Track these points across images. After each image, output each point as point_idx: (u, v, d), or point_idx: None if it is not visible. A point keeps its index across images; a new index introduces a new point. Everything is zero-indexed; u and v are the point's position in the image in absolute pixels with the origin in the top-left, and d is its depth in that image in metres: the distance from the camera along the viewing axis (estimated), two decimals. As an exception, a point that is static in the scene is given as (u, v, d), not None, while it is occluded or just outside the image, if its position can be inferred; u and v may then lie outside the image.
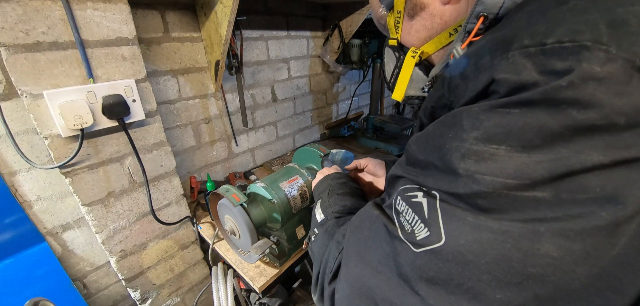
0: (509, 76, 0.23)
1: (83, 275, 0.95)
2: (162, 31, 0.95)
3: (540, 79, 0.22)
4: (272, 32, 1.31)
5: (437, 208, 0.26)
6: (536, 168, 0.21)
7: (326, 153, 0.85)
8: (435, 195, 0.27)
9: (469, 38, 0.32)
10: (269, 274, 0.79)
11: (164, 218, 0.94)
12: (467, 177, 0.24)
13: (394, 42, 0.46)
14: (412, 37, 0.42)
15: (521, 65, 0.23)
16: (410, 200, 0.30)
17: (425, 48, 0.41)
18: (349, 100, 1.98)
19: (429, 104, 0.36)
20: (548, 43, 0.21)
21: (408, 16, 0.41)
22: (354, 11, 1.39)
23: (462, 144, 0.25)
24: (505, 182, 0.22)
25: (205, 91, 1.12)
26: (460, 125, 0.26)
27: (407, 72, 0.44)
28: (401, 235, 0.29)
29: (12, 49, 0.59)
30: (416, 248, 0.27)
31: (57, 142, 0.68)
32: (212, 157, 1.24)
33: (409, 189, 0.31)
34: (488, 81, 0.25)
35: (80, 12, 0.65)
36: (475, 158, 0.24)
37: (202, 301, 1.15)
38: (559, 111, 0.21)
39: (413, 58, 0.43)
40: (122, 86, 0.73)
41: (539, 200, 0.22)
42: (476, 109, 0.25)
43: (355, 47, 1.52)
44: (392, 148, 1.53)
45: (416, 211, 0.28)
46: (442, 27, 0.38)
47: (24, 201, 0.79)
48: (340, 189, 0.57)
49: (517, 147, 0.22)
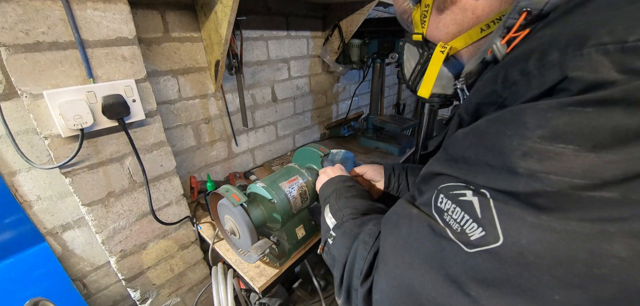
0: (584, 74, 0.22)
1: (83, 275, 0.95)
2: (162, 31, 0.95)
3: (620, 78, 0.21)
4: (272, 32, 1.31)
5: (491, 207, 0.26)
6: (607, 167, 0.21)
7: (326, 153, 0.85)
8: (485, 194, 0.26)
9: (509, 34, 0.31)
10: (269, 274, 0.79)
11: (164, 218, 0.94)
12: (529, 176, 0.23)
13: (419, 37, 0.44)
14: (440, 32, 0.41)
15: (598, 63, 0.21)
16: (457, 199, 0.29)
17: (454, 43, 0.40)
18: (349, 100, 1.98)
19: (473, 100, 0.34)
20: (630, 41, 0.21)
21: (437, 10, 0.40)
22: (354, 11, 1.39)
23: (523, 142, 0.24)
24: (573, 182, 0.22)
25: (205, 91, 1.12)
26: (522, 123, 0.24)
27: (434, 68, 0.43)
28: (450, 235, 0.28)
29: (12, 49, 0.59)
30: (469, 248, 0.26)
31: (57, 142, 0.68)
32: (212, 157, 1.24)
33: (454, 187, 0.30)
34: (559, 78, 0.23)
35: (80, 12, 0.65)
36: (538, 157, 0.23)
37: (202, 301, 1.15)
38: (639, 111, 0.20)
39: (442, 53, 0.41)
40: (122, 86, 0.73)
41: (606, 200, 0.21)
42: (543, 106, 0.24)
43: (355, 47, 1.52)
44: (392, 148, 1.53)
45: (466, 210, 0.27)
46: (474, 22, 0.37)
47: (24, 201, 0.79)
48: (348, 192, 0.56)
49: (587, 147, 0.21)
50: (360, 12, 1.37)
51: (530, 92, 0.26)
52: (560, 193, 0.22)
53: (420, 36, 0.44)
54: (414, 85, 0.48)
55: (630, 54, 0.20)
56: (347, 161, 1.03)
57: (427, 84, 0.45)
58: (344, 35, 1.46)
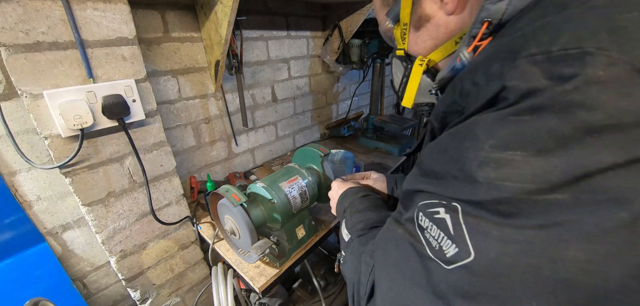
0: (518, 83, 0.24)
1: (83, 275, 0.95)
2: (162, 31, 0.95)
3: (548, 84, 0.22)
4: (272, 32, 1.31)
5: (461, 223, 0.27)
6: (553, 170, 0.22)
7: (326, 153, 0.85)
8: (456, 208, 0.28)
9: (474, 42, 0.33)
10: (269, 274, 0.79)
11: (164, 218, 0.94)
12: (488, 184, 0.25)
13: (402, 53, 0.48)
14: (419, 47, 0.44)
15: (530, 72, 0.23)
16: (433, 217, 0.30)
17: (432, 56, 0.43)
18: (349, 100, 1.98)
19: (440, 109, 0.36)
20: (554, 50, 0.22)
21: (414, 28, 0.43)
22: (354, 11, 1.39)
23: (479, 153, 0.26)
24: (525, 187, 0.23)
25: (205, 91, 1.12)
26: (475, 135, 0.26)
27: (415, 80, 0.46)
28: (430, 253, 0.30)
29: (12, 49, 0.59)
30: (447, 265, 0.27)
31: (57, 142, 0.68)
32: (212, 157, 1.24)
33: (429, 205, 0.31)
34: (499, 88, 0.26)
35: (80, 12, 0.65)
36: (493, 165, 0.24)
37: (202, 301, 1.15)
38: (568, 114, 0.21)
39: (421, 66, 0.44)
40: (122, 86, 0.73)
41: (559, 203, 0.22)
42: (488, 119, 0.26)
43: (355, 47, 1.52)
44: (392, 148, 1.53)
45: (441, 228, 0.29)
46: (448, 36, 0.40)
47: (24, 201, 0.79)
48: (361, 204, 0.57)
49: (532, 152, 0.23)
50: (360, 12, 1.37)
51: (479, 101, 0.28)
52: (516, 199, 0.23)
53: (402, 51, 0.47)
54: (402, 95, 0.52)
55: (555, 62, 0.22)
56: (346, 161, 1.03)
57: (409, 94, 0.48)
58: (344, 35, 1.46)
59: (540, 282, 0.23)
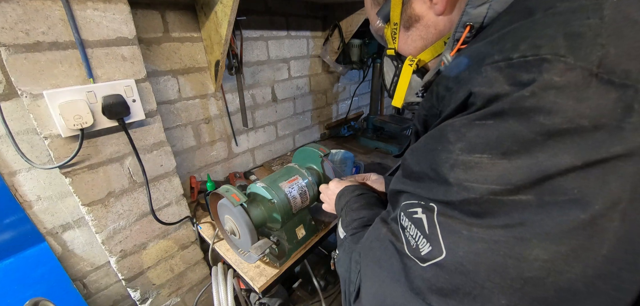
0: (483, 89, 0.25)
1: (83, 275, 0.95)
2: (162, 31, 0.95)
3: (510, 89, 0.23)
4: (272, 32, 1.31)
5: (435, 223, 0.28)
6: (517, 172, 0.23)
7: (326, 153, 0.85)
8: (432, 208, 0.29)
9: (457, 46, 0.34)
10: (269, 274, 0.79)
11: (164, 218, 0.94)
12: (458, 185, 0.26)
13: (392, 52, 0.48)
14: (409, 47, 0.44)
15: (493, 78, 0.25)
16: (412, 217, 0.31)
17: (422, 56, 0.43)
18: (349, 100, 1.98)
19: (421, 113, 0.38)
20: (514, 58, 0.24)
21: (404, 28, 0.43)
22: (354, 11, 1.39)
23: (450, 156, 0.27)
24: (491, 188, 0.24)
25: (205, 91, 1.12)
26: (446, 138, 0.28)
27: (405, 80, 0.47)
28: (407, 251, 0.31)
29: (12, 49, 0.59)
30: (422, 263, 0.29)
31: (57, 142, 0.68)
32: (212, 157, 1.24)
33: (409, 205, 0.32)
34: (467, 93, 0.27)
35: (80, 12, 0.65)
36: (463, 167, 0.26)
37: (202, 301, 1.15)
38: (527, 118, 0.22)
39: (410, 66, 0.45)
40: (122, 86, 0.73)
41: (524, 203, 0.23)
42: (457, 123, 0.27)
43: (355, 47, 1.52)
44: (392, 148, 1.53)
45: (418, 227, 0.30)
46: (437, 36, 0.40)
47: (24, 201, 0.79)
48: (356, 203, 0.58)
49: (498, 154, 0.24)
50: (360, 12, 1.37)
51: (451, 106, 0.29)
52: (483, 199, 0.24)
53: (393, 51, 0.48)
54: (392, 94, 0.52)
55: (516, 68, 0.23)
56: (346, 161, 1.03)
57: (399, 94, 0.49)
58: (344, 35, 1.46)
59: (508, 280, 0.23)
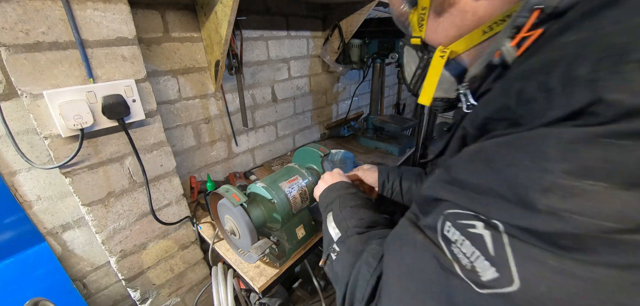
0: (623, 97, 0.18)
1: (83, 275, 0.95)
2: (162, 31, 0.95)
3: None
4: (272, 32, 1.31)
5: (504, 244, 0.23)
6: None
7: (326, 153, 0.85)
8: (496, 226, 0.23)
9: (520, 34, 0.28)
10: (269, 274, 0.79)
11: (164, 218, 0.94)
12: (550, 214, 0.20)
13: (417, 41, 0.42)
14: (439, 36, 0.39)
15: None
16: (466, 230, 0.26)
17: (455, 47, 0.37)
18: (349, 100, 1.98)
19: (481, 114, 0.31)
20: None
21: (435, 13, 0.38)
22: (354, 11, 1.39)
23: (544, 176, 0.21)
24: (603, 225, 0.19)
25: (205, 91, 1.12)
26: (543, 153, 0.21)
27: (435, 73, 0.40)
28: (459, 271, 0.26)
29: (12, 49, 0.59)
30: (480, 288, 0.24)
31: (57, 142, 0.68)
32: (212, 157, 1.24)
33: (462, 216, 0.27)
34: (590, 99, 0.20)
35: (80, 12, 0.65)
36: (562, 194, 0.20)
37: (202, 301, 1.15)
38: None
39: (442, 58, 0.39)
40: (122, 86, 0.73)
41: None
42: (569, 136, 0.20)
43: (355, 47, 1.52)
44: (392, 148, 1.53)
45: (477, 245, 0.24)
46: (475, 24, 0.34)
47: (24, 201, 0.79)
48: (352, 200, 0.53)
49: (622, 184, 0.18)
50: (360, 12, 1.37)
51: (551, 113, 0.22)
52: (587, 236, 0.19)
53: (419, 40, 0.42)
54: (415, 89, 0.46)
55: None
56: (346, 161, 1.03)
57: (428, 90, 0.42)
58: (344, 35, 1.46)
59: None
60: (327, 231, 0.52)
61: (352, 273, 0.40)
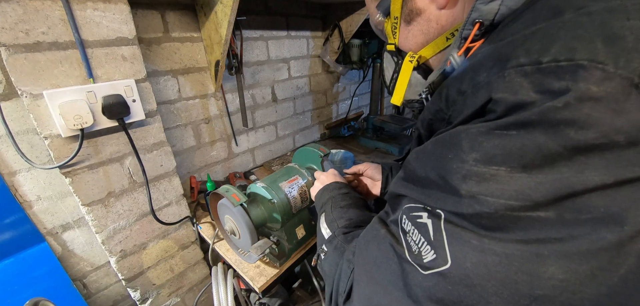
0: (506, 96, 0.23)
1: (83, 275, 0.95)
2: (162, 31, 0.95)
3: (537, 98, 0.21)
4: (272, 32, 1.31)
5: (442, 230, 0.26)
6: (538, 188, 0.21)
7: (326, 153, 0.85)
8: (439, 214, 0.27)
9: (465, 44, 0.32)
10: (269, 274, 0.79)
11: (164, 218, 0.94)
12: (470, 198, 0.24)
13: (392, 47, 0.46)
14: (410, 42, 0.43)
15: (518, 84, 0.22)
16: (415, 220, 0.30)
17: (423, 52, 0.41)
18: (349, 100, 1.98)
19: (426, 117, 0.36)
20: (544, 62, 0.21)
21: (405, 22, 0.42)
22: (354, 11, 1.39)
23: (462, 166, 0.25)
24: (508, 203, 0.22)
25: (205, 91, 1.12)
26: (459, 146, 0.26)
27: (405, 76, 0.45)
28: (408, 257, 0.29)
29: (12, 49, 0.59)
30: (424, 270, 0.27)
31: (57, 142, 0.68)
32: (212, 157, 1.24)
33: (413, 209, 0.30)
34: (485, 99, 0.25)
35: (80, 12, 0.65)
36: (476, 179, 0.24)
37: (202, 301, 1.15)
38: (557, 132, 0.21)
39: (411, 63, 0.43)
40: (122, 86, 0.73)
41: (542, 220, 0.21)
42: (474, 130, 0.25)
43: (355, 47, 1.52)
44: (392, 148, 1.53)
45: (422, 233, 0.28)
46: (439, 31, 0.38)
47: (24, 201, 0.79)
48: (343, 201, 0.56)
49: (517, 168, 0.22)
50: (360, 12, 1.37)
51: (465, 111, 0.27)
52: (497, 214, 0.23)
53: (393, 46, 0.46)
54: (391, 91, 0.51)
55: (545, 74, 0.21)
56: (346, 161, 1.03)
57: (399, 91, 0.47)
58: (344, 35, 1.46)
59: (516, 296, 0.22)
60: (319, 231, 0.55)
61: (337, 270, 0.43)
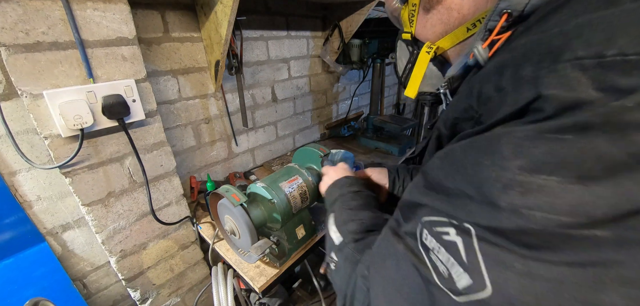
0: (559, 93, 0.20)
1: (83, 275, 0.95)
2: (162, 31, 0.95)
3: (599, 97, 0.18)
4: (272, 32, 1.31)
5: (475, 250, 0.23)
6: (596, 202, 0.18)
7: (326, 153, 0.85)
8: (469, 230, 0.24)
9: (490, 36, 0.30)
10: (269, 274, 0.79)
11: (164, 218, 0.94)
12: (512, 211, 0.21)
13: (408, 36, 0.44)
14: (427, 32, 0.40)
15: (575, 80, 0.19)
16: (441, 238, 0.26)
17: (441, 43, 0.39)
18: (349, 100, 1.98)
19: (451, 115, 0.33)
20: (608, 55, 0.18)
21: (423, 9, 0.39)
22: (354, 11, 1.39)
23: (503, 174, 0.22)
24: (560, 219, 0.19)
25: (205, 91, 1.12)
26: (499, 151, 0.22)
27: (421, 68, 0.42)
28: (437, 281, 0.26)
29: (12, 49, 0.59)
30: (456, 296, 0.24)
31: (57, 142, 0.68)
32: (212, 157, 1.24)
33: (436, 223, 0.27)
34: (532, 96, 0.22)
35: (80, 12, 0.65)
36: (520, 190, 0.21)
37: (202, 301, 1.15)
38: (623, 137, 0.18)
39: (428, 53, 0.40)
40: (122, 86, 0.73)
41: (599, 240, 0.19)
42: (518, 133, 0.22)
43: (355, 47, 1.53)
44: (392, 148, 1.53)
45: (451, 252, 0.25)
46: (460, 21, 0.35)
47: (24, 201, 0.79)
48: (353, 200, 0.52)
49: (572, 178, 0.19)
50: (360, 12, 1.37)
51: (504, 110, 0.24)
52: (546, 231, 0.20)
53: (409, 35, 0.43)
54: (405, 82, 0.48)
55: (609, 69, 0.18)
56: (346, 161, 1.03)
57: (413, 84, 0.44)
58: (344, 35, 1.46)
59: None
60: (328, 234, 0.51)
61: (350, 285, 0.40)
